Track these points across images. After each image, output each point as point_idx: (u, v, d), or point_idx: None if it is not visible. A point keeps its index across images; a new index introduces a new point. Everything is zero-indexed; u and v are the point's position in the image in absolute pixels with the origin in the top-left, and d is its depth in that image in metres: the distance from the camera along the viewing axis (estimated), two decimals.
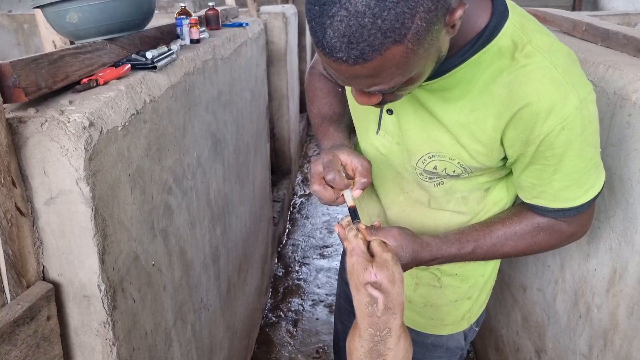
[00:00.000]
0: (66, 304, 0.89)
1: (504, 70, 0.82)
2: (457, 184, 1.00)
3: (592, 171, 0.87)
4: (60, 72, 0.90)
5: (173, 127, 1.20)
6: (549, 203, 0.91)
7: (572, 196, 0.88)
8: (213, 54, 1.54)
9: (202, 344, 1.48)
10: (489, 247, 0.97)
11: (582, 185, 0.88)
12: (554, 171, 0.86)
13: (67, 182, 0.81)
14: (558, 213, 0.92)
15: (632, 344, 1.11)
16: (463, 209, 1.04)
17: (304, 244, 3.34)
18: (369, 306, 0.81)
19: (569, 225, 0.95)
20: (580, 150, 0.83)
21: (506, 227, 0.97)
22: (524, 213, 0.97)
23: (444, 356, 1.22)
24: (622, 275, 1.15)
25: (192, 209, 1.36)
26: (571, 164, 0.84)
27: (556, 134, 0.80)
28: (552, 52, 0.81)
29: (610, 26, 1.50)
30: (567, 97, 0.79)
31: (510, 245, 0.97)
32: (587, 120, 0.81)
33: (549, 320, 1.52)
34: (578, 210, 0.90)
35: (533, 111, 0.80)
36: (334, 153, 0.94)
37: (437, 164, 0.95)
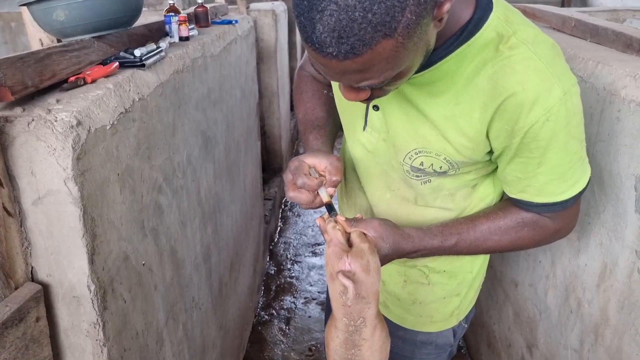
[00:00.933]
0: (55, 305, 0.88)
1: (488, 62, 0.82)
2: (444, 182, 1.00)
3: (577, 165, 0.87)
4: (47, 71, 0.89)
5: (162, 126, 1.19)
6: (533, 197, 0.90)
7: (557, 190, 0.88)
8: (202, 52, 1.53)
9: (194, 343, 1.47)
10: (472, 240, 0.96)
11: (567, 179, 0.87)
12: (539, 164, 0.85)
13: (55, 182, 0.80)
14: (543, 208, 0.91)
15: (622, 339, 1.12)
16: (450, 205, 1.04)
17: (295, 241, 3.34)
18: (342, 295, 0.81)
19: (554, 221, 0.94)
20: (565, 142, 0.83)
21: (490, 222, 0.97)
22: (509, 208, 0.97)
23: (432, 353, 1.22)
24: (612, 270, 1.15)
25: (183, 207, 1.35)
26: (555, 157, 0.84)
27: (540, 125, 0.80)
28: (536, 43, 0.81)
29: (599, 22, 1.50)
30: (551, 88, 0.79)
31: (494, 240, 0.96)
32: (572, 112, 0.81)
33: (540, 316, 1.53)
34: (563, 206, 0.90)
35: (517, 102, 0.80)
36: (299, 159, 0.96)
37: (423, 160, 0.95)
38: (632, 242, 1.08)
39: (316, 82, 1.20)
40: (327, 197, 0.95)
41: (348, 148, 1.11)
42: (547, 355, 1.49)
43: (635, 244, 1.07)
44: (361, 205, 1.16)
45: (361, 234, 0.88)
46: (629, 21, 2.53)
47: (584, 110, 1.24)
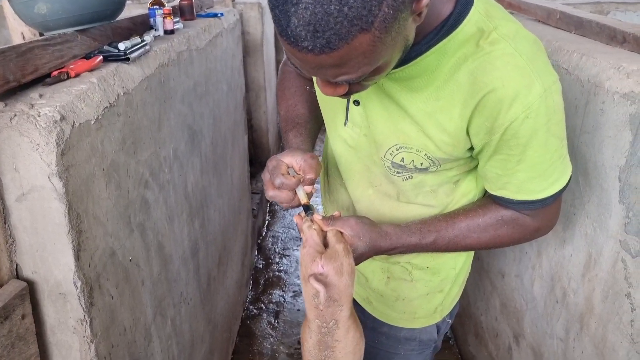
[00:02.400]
0: (41, 302, 0.88)
1: (469, 58, 0.81)
2: (426, 179, 0.99)
3: (557, 164, 0.87)
4: (29, 65, 0.88)
5: (148, 120, 1.18)
6: (513, 195, 0.90)
7: (537, 188, 0.88)
8: (188, 45, 1.52)
9: (182, 338, 1.47)
10: (451, 238, 0.96)
11: (546, 177, 0.87)
12: (518, 161, 0.85)
13: (39, 178, 0.79)
14: (522, 205, 0.91)
15: (607, 327, 1.13)
16: (432, 201, 1.03)
17: (283, 235, 3.34)
18: (315, 298, 0.82)
19: (534, 219, 0.94)
20: (545, 140, 0.82)
21: (469, 219, 0.96)
22: (489, 206, 0.97)
23: (416, 349, 1.22)
24: (597, 260, 1.17)
25: (170, 202, 1.35)
26: (535, 155, 0.84)
27: (520, 122, 0.79)
28: (517, 39, 0.81)
29: (584, 14, 1.51)
30: (532, 85, 0.78)
31: (473, 237, 0.96)
32: (552, 110, 0.81)
33: (526, 306, 1.54)
34: (542, 204, 0.89)
35: (497, 98, 0.79)
36: (276, 158, 0.96)
37: (404, 156, 0.94)
38: (616, 232, 1.09)
39: (300, 78, 1.18)
40: (305, 196, 0.96)
41: (330, 144, 1.10)
42: (533, 344, 1.51)
43: (619, 233, 1.08)
44: (343, 201, 1.15)
45: (337, 233, 0.88)
46: (613, 13, 2.55)
47: (569, 102, 1.26)
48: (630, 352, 1.06)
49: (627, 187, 1.05)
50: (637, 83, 1.03)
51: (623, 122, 1.05)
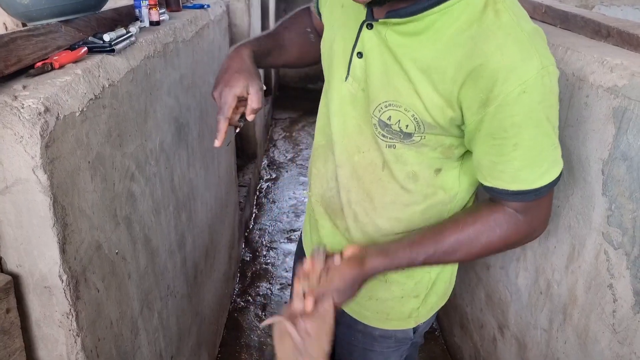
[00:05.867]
0: (26, 296, 0.87)
1: (474, 23, 0.81)
2: (408, 154, 0.98)
3: (549, 151, 0.86)
4: (12, 56, 0.87)
5: (134, 112, 1.17)
6: (508, 184, 0.88)
7: (530, 177, 0.86)
8: (174, 37, 1.51)
9: (169, 331, 1.47)
10: (442, 253, 0.95)
11: (539, 165, 0.86)
12: (515, 145, 0.83)
13: (23, 171, 0.78)
14: (517, 197, 0.89)
15: (589, 317, 1.15)
16: (411, 186, 1.01)
17: (271, 228, 3.34)
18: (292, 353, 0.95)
19: (526, 217, 0.92)
20: (539, 122, 0.82)
21: (459, 232, 0.94)
22: (480, 212, 0.95)
23: (392, 346, 1.22)
24: (580, 252, 1.19)
25: (156, 195, 1.34)
26: (529, 137, 0.82)
27: (515, 96, 0.79)
28: (521, 17, 0.82)
29: (569, 9, 1.53)
30: (530, 59, 0.78)
31: (465, 249, 0.94)
32: (548, 90, 0.81)
33: (511, 297, 1.56)
34: (536, 194, 0.88)
35: (494, 67, 0.79)
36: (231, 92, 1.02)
37: (392, 114, 0.93)
38: (599, 224, 1.11)
39: (305, 19, 1.23)
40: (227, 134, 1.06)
41: (326, 103, 1.09)
42: (517, 335, 1.53)
43: (602, 226, 1.10)
44: (326, 170, 1.13)
45: (325, 295, 0.94)
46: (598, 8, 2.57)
47: None
48: (612, 342, 1.07)
49: (610, 180, 1.06)
50: (621, 77, 1.04)
51: (606, 115, 1.07)
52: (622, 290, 1.05)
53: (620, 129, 1.03)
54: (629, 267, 1.02)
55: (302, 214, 3.50)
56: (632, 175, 1.00)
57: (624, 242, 1.04)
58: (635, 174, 1.00)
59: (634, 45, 1.16)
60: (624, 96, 1.02)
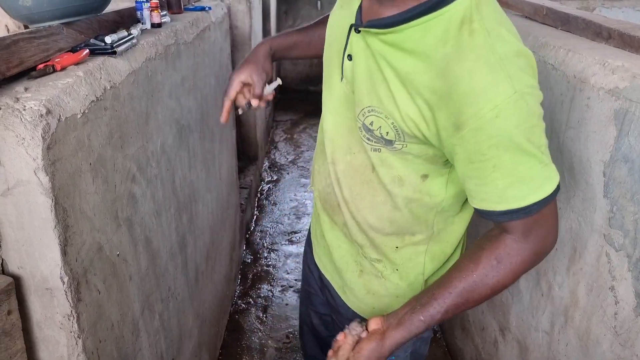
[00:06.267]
0: (28, 298, 0.87)
1: (449, 41, 0.81)
2: (393, 159, 0.98)
3: (537, 169, 0.83)
4: (14, 58, 0.87)
5: (135, 114, 1.17)
6: (495, 205, 0.86)
7: (518, 195, 0.83)
8: (175, 39, 1.51)
9: (170, 333, 1.47)
10: (454, 306, 0.93)
11: (526, 182, 0.83)
12: (494, 167, 0.82)
13: (25, 172, 0.78)
14: (506, 216, 0.86)
15: (591, 320, 1.15)
16: (396, 190, 1.02)
17: (272, 230, 3.34)
18: None
19: (526, 241, 0.89)
20: (519, 145, 0.80)
21: (464, 280, 0.92)
22: (479, 254, 0.93)
23: None
24: (581, 254, 1.18)
25: (157, 197, 1.34)
26: (510, 160, 0.81)
27: (488, 120, 0.78)
28: (498, 39, 0.80)
29: (570, 11, 1.53)
30: (499, 84, 0.77)
31: (476, 294, 0.92)
32: (525, 113, 0.78)
33: (512, 299, 1.56)
34: (526, 212, 0.85)
35: (462, 91, 0.79)
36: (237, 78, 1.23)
37: (374, 120, 0.94)
38: (601, 226, 1.11)
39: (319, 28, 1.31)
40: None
41: (325, 102, 1.12)
42: (519, 337, 1.53)
43: (603, 228, 1.10)
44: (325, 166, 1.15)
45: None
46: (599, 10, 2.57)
47: (555, 98, 1.27)
48: (614, 344, 1.07)
49: (612, 182, 1.06)
50: (622, 79, 1.04)
51: (608, 117, 1.07)
52: (623, 293, 1.04)
53: (621, 130, 1.03)
54: (630, 269, 1.02)
55: (303, 216, 3.50)
56: (634, 177, 1.00)
57: (625, 244, 1.03)
58: (636, 176, 1.00)
59: (635, 47, 1.16)
60: (625, 98, 1.02)
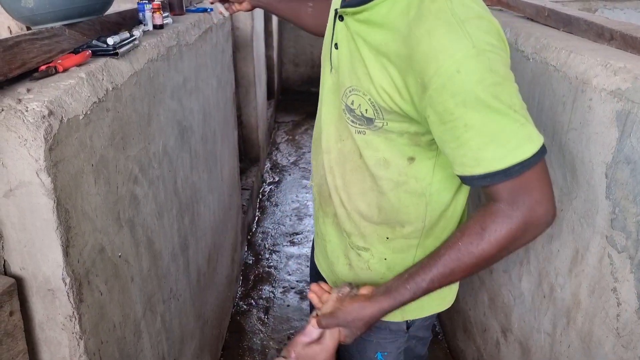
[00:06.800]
0: (30, 299, 0.87)
1: (412, 10, 0.85)
2: (377, 141, 0.98)
3: (512, 128, 0.81)
4: (17, 59, 0.87)
5: (137, 115, 1.17)
6: (474, 169, 0.83)
7: (495, 156, 0.81)
8: (177, 40, 1.51)
9: (172, 334, 1.47)
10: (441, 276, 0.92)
11: (502, 143, 0.81)
12: (465, 126, 0.81)
13: (27, 174, 0.78)
14: (486, 180, 0.84)
15: (593, 321, 1.15)
16: (382, 172, 1.01)
17: (273, 231, 3.34)
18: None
19: (514, 207, 0.85)
20: (486, 101, 0.79)
21: (450, 248, 0.91)
22: (467, 224, 0.91)
23: (388, 337, 1.22)
24: (583, 255, 1.18)
25: (159, 198, 1.34)
26: (479, 116, 0.80)
27: (450, 76, 0.78)
28: (460, 5, 0.82)
29: (572, 12, 1.52)
30: (459, 40, 0.79)
31: (462, 264, 0.90)
32: (487, 69, 0.79)
33: (514, 301, 1.56)
34: (506, 175, 0.82)
35: (423, 51, 0.80)
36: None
37: (354, 99, 0.96)
38: (603, 227, 1.10)
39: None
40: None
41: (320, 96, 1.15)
42: (521, 339, 1.52)
43: (605, 229, 1.10)
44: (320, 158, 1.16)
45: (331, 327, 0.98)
46: (601, 11, 2.57)
47: (557, 99, 1.27)
48: (616, 346, 1.07)
49: (614, 184, 1.06)
50: (624, 80, 1.04)
51: (610, 118, 1.06)
52: (626, 294, 1.04)
53: (623, 132, 1.03)
54: (632, 271, 1.02)
55: (305, 217, 3.50)
56: (636, 179, 1.00)
57: (627, 245, 1.03)
58: (639, 177, 0.99)
59: (637, 49, 1.16)
60: (627, 99, 1.02)
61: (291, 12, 1.50)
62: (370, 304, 0.96)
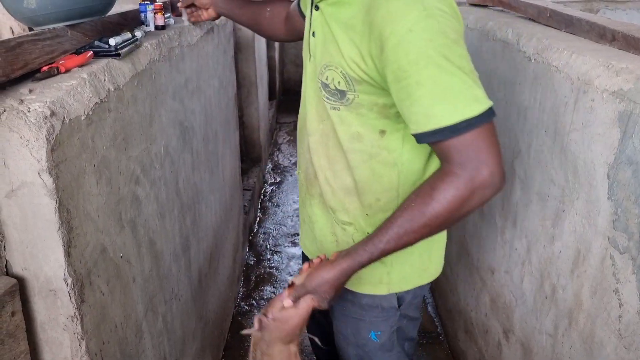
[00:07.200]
0: (31, 299, 0.87)
1: None
2: (350, 116, 1.06)
3: (460, 88, 0.87)
4: (19, 60, 0.87)
5: (139, 116, 1.17)
6: (425, 125, 0.89)
7: (444, 112, 0.87)
8: (179, 41, 1.51)
9: (174, 335, 1.47)
10: (397, 236, 0.97)
11: (451, 101, 0.87)
12: (417, 84, 0.88)
13: (29, 174, 0.78)
14: (436, 136, 0.89)
15: (595, 323, 1.15)
16: (357, 145, 1.08)
17: (275, 232, 3.34)
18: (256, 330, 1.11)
19: (460, 167, 0.90)
20: (436, 60, 0.86)
21: (404, 209, 0.96)
22: (420, 186, 0.97)
23: (380, 316, 1.27)
24: (585, 256, 1.18)
25: (161, 199, 1.34)
26: (430, 74, 0.87)
27: (403, 35, 0.87)
28: None
29: (574, 13, 1.52)
30: (412, 5, 0.88)
31: (415, 222, 0.95)
32: (436, 30, 0.87)
33: (516, 302, 1.56)
34: (453, 131, 0.87)
35: (382, 15, 0.89)
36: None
37: (328, 74, 1.04)
38: (605, 228, 1.10)
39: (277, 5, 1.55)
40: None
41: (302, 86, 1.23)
42: (522, 340, 1.52)
43: (607, 230, 1.09)
44: (304, 144, 1.23)
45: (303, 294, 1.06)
46: (603, 12, 2.57)
47: (559, 100, 1.27)
48: (618, 347, 1.07)
49: (616, 184, 1.06)
50: (626, 81, 1.04)
51: (612, 119, 1.06)
52: (628, 295, 1.04)
53: (625, 133, 1.02)
54: (634, 272, 1.02)
55: None
56: (638, 180, 1.00)
57: (629, 246, 1.03)
58: None
59: (639, 49, 1.16)
60: (629, 100, 1.01)
61: (250, 18, 1.60)
62: (332, 267, 1.04)
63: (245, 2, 1.62)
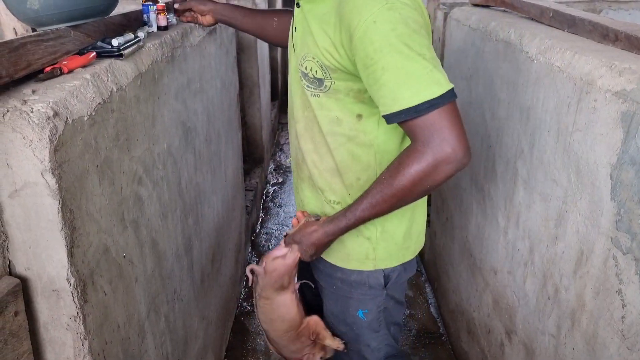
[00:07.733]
0: (34, 299, 0.87)
1: None
2: (328, 102, 1.15)
3: (421, 72, 0.95)
4: (22, 61, 0.87)
5: (142, 117, 1.18)
6: (391, 107, 0.98)
7: (408, 94, 0.96)
8: (182, 42, 1.52)
9: (176, 334, 1.47)
10: (370, 205, 1.09)
11: (413, 84, 0.96)
12: (383, 69, 0.96)
13: (32, 174, 0.78)
14: (401, 116, 0.98)
15: (598, 323, 1.14)
16: (337, 128, 1.17)
17: (277, 232, 3.34)
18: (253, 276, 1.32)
19: (424, 144, 0.98)
20: (398, 48, 0.95)
21: (377, 183, 1.08)
22: (390, 164, 1.07)
23: (368, 293, 1.34)
24: (588, 257, 1.18)
25: (164, 199, 1.34)
26: (394, 60, 0.95)
27: (368, 25, 0.96)
28: None
29: (576, 13, 1.52)
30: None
31: (384, 194, 1.06)
32: (398, 20, 0.96)
33: (519, 302, 1.55)
34: (416, 111, 0.96)
35: (350, 8, 0.99)
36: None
37: (307, 64, 1.13)
38: (608, 229, 1.10)
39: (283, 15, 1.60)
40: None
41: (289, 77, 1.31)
42: (525, 340, 1.52)
43: (610, 230, 1.09)
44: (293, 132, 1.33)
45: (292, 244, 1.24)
46: (605, 12, 2.57)
47: (562, 100, 1.26)
48: (621, 348, 1.07)
49: (619, 185, 1.06)
50: (629, 81, 1.03)
51: (615, 120, 1.06)
52: (631, 296, 1.04)
53: (628, 133, 1.02)
54: (637, 273, 1.02)
55: None
56: None
57: (632, 247, 1.03)
58: None
59: None
60: (632, 100, 1.01)
61: (257, 26, 1.64)
62: (318, 227, 1.19)
63: (248, 11, 1.65)
